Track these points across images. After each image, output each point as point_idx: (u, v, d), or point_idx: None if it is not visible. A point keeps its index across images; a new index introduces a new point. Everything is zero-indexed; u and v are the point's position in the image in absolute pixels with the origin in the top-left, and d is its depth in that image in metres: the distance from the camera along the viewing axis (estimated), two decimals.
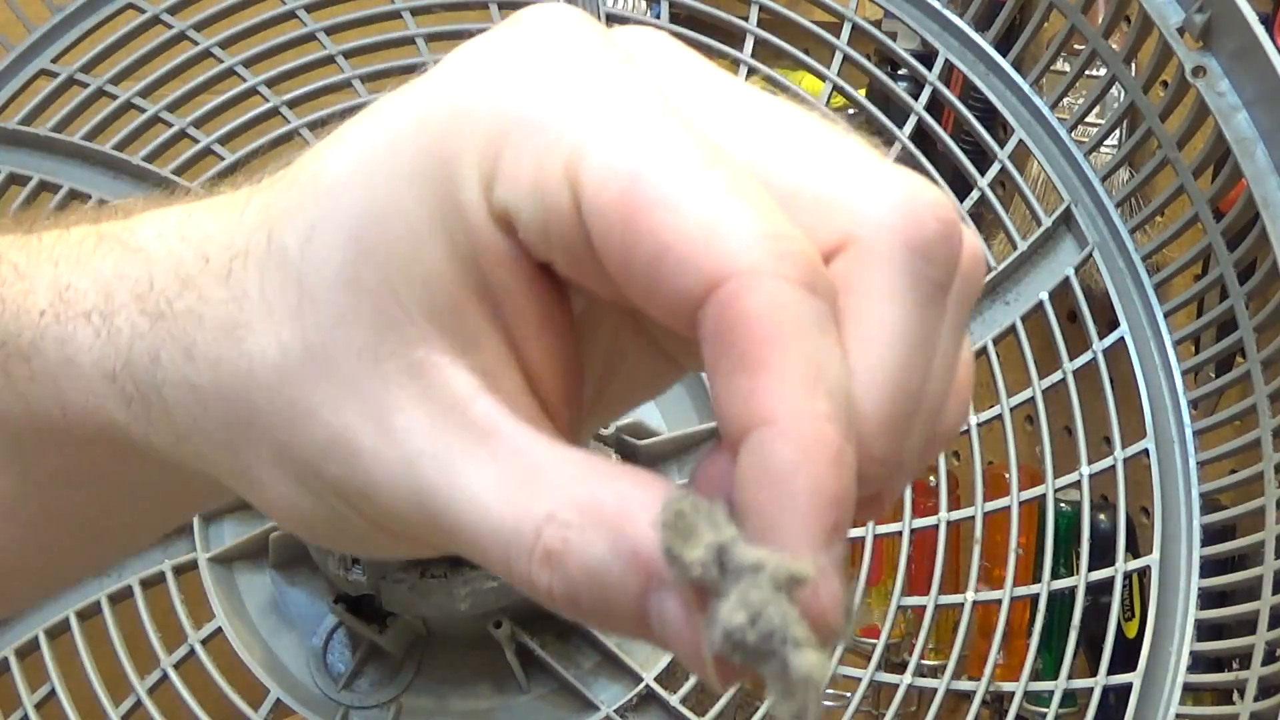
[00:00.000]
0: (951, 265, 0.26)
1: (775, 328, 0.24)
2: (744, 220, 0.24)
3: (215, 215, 0.29)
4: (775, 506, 0.24)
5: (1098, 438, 0.69)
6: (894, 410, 0.25)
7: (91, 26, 0.78)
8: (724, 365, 0.24)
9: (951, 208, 0.26)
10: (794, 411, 0.24)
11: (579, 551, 0.25)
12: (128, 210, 0.31)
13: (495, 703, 0.67)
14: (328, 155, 0.27)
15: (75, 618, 0.69)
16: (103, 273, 0.29)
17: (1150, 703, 0.64)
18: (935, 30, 0.76)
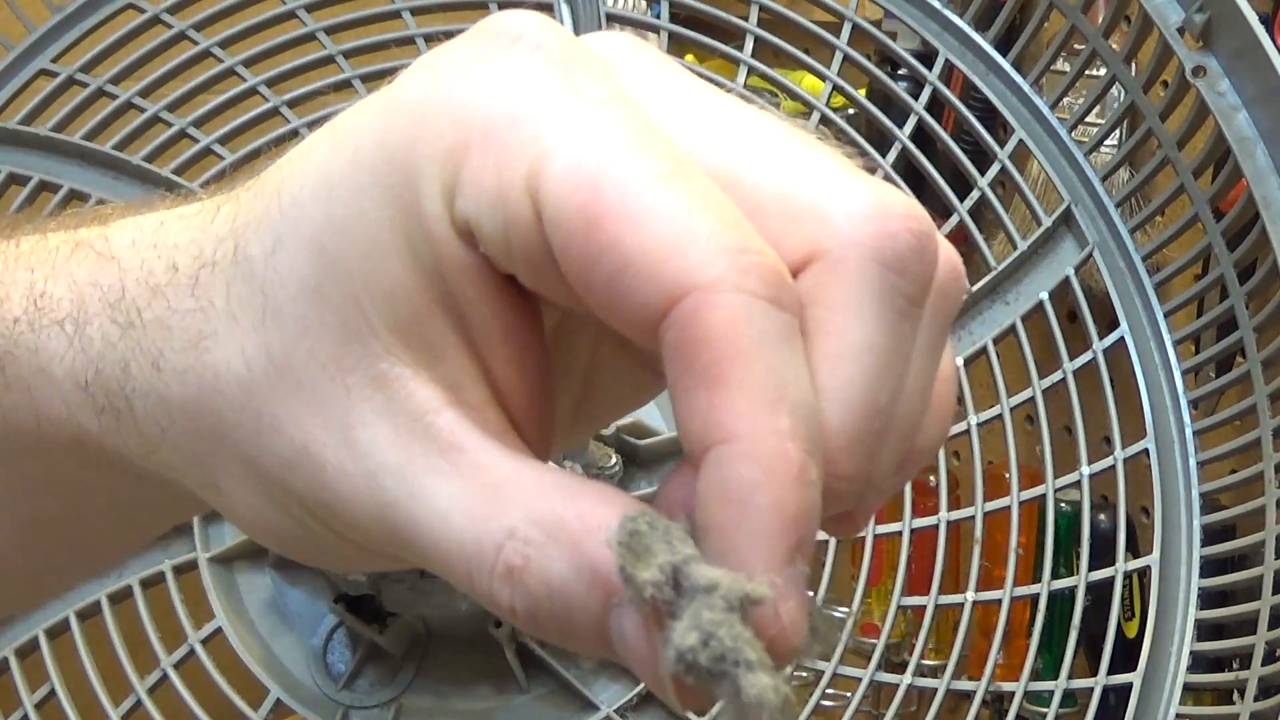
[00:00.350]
0: (925, 279, 0.25)
1: (737, 343, 0.23)
2: (707, 233, 0.23)
3: (186, 224, 0.28)
4: (734, 525, 0.23)
5: (1098, 438, 0.69)
6: (862, 428, 0.25)
7: (91, 26, 0.78)
8: (685, 381, 0.24)
9: (925, 220, 0.25)
10: (755, 429, 0.23)
11: (539, 569, 0.24)
12: (105, 216, 0.30)
13: (495, 703, 0.67)
14: (293, 166, 0.27)
15: (75, 618, 0.69)
16: (77, 280, 0.29)
17: (1150, 703, 0.64)
18: (935, 30, 0.76)
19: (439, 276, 0.25)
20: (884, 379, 0.25)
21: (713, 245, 0.23)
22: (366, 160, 0.25)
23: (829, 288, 0.25)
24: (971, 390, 0.70)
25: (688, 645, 0.23)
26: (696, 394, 0.23)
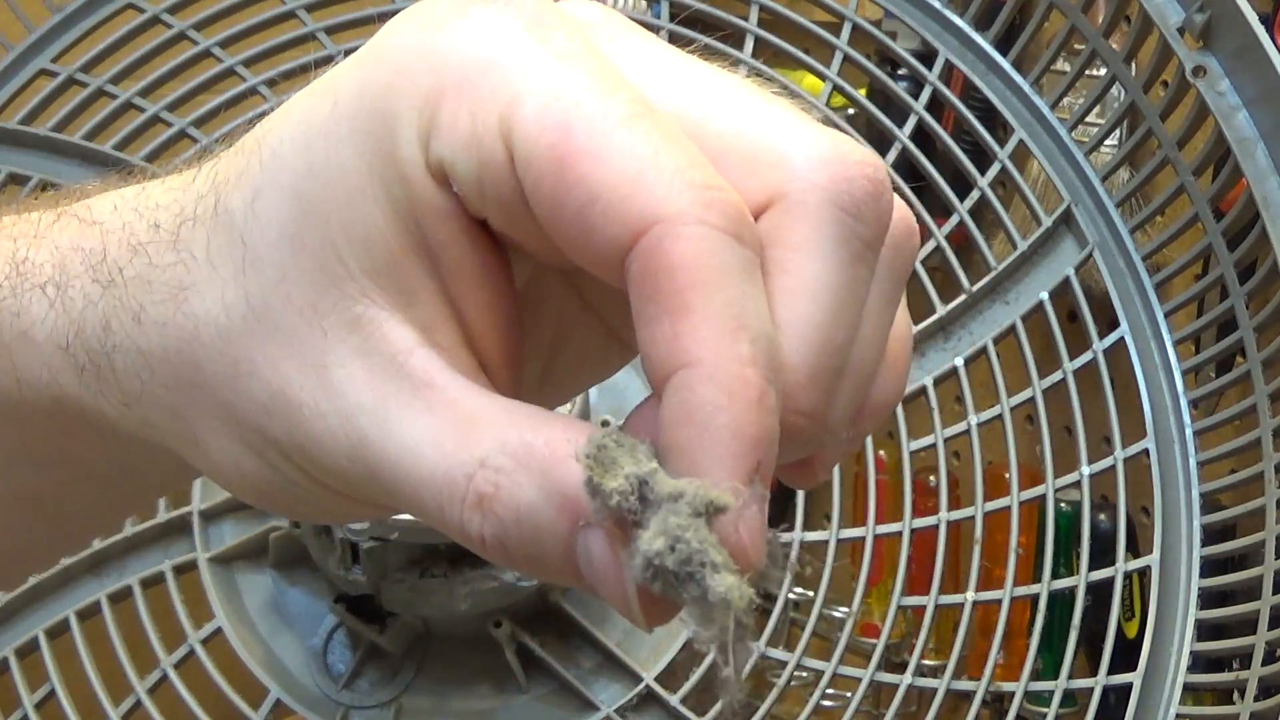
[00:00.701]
0: (881, 225, 0.26)
1: (700, 273, 0.24)
2: (671, 169, 0.24)
3: (168, 187, 0.29)
4: (697, 444, 0.24)
5: (1098, 438, 0.69)
6: (819, 363, 0.25)
7: (91, 26, 0.78)
8: (649, 310, 0.24)
9: (882, 169, 0.26)
10: (717, 354, 0.24)
11: (509, 495, 0.25)
12: (88, 191, 0.31)
13: (495, 703, 0.67)
14: (273, 122, 0.28)
15: (75, 618, 0.69)
16: (59, 246, 0.30)
17: (1150, 703, 0.64)
18: (935, 30, 0.76)
19: (414, 220, 0.26)
20: (840, 317, 0.26)
21: (677, 181, 0.24)
22: (345, 109, 0.26)
23: (788, 229, 0.26)
24: (971, 390, 0.70)
25: (655, 550, 0.23)
26: (660, 322, 0.24)
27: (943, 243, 0.72)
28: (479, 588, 0.61)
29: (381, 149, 0.26)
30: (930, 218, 0.74)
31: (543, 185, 0.25)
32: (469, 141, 0.25)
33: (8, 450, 0.31)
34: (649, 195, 0.24)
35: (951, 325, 0.72)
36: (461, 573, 0.61)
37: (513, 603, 0.63)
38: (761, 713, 0.66)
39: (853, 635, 0.67)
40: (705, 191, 0.24)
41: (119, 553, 0.70)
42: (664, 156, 0.25)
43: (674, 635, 0.67)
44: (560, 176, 0.25)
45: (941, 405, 0.70)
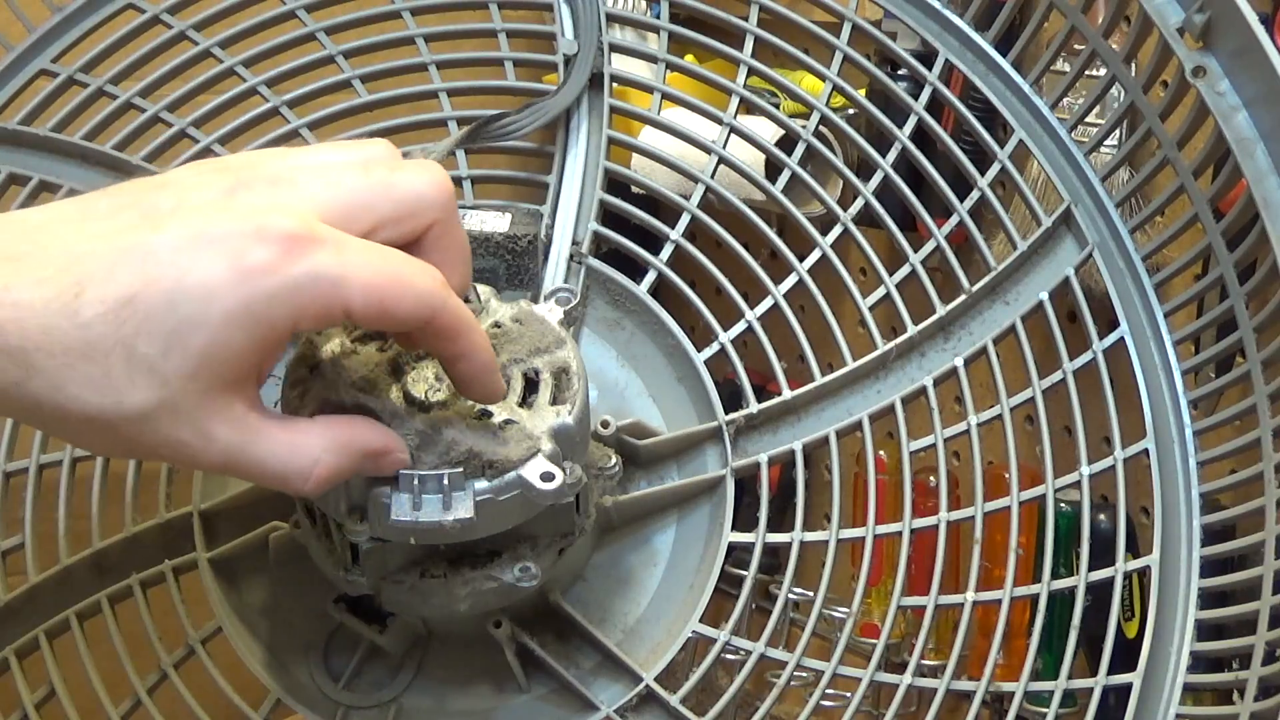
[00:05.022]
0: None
1: (456, 326, 0.52)
2: (425, 294, 0.50)
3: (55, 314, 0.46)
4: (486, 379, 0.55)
5: (1098, 438, 0.69)
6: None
7: (91, 26, 0.78)
8: (433, 341, 0.52)
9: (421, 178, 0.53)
10: (473, 347, 0.53)
11: (336, 468, 0.52)
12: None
13: (495, 703, 0.67)
14: (180, 299, 0.46)
15: (75, 618, 0.69)
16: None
17: (1150, 703, 0.64)
18: (935, 30, 0.76)
19: (266, 356, 0.49)
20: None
21: (430, 299, 0.50)
22: (236, 317, 0.47)
23: (443, 237, 0.53)
24: (971, 390, 0.70)
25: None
26: (438, 346, 0.52)
27: (942, 243, 0.72)
28: (479, 588, 0.61)
29: (267, 336, 0.48)
30: (930, 218, 0.74)
31: (368, 323, 0.50)
32: (324, 322, 0.49)
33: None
34: (421, 313, 0.50)
35: (951, 325, 0.72)
36: (461, 573, 0.61)
37: (513, 603, 0.63)
38: (761, 713, 0.66)
39: (853, 635, 0.67)
40: (439, 295, 0.50)
41: (119, 553, 0.70)
42: (420, 290, 0.50)
43: (674, 635, 0.67)
44: (380, 321, 0.50)
45: (941, 405, 0.70)
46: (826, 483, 0.84)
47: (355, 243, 0.49)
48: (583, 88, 0.75)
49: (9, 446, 0.73)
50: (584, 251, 0.73)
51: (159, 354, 0.46)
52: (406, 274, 0.50)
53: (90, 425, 0.47)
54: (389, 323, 0.50)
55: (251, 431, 0.49)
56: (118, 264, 0.46)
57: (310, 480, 0.51)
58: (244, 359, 0.48)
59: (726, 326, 0.72)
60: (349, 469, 0.52)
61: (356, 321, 0.49)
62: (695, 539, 0.70)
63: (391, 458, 0.54)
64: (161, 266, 0.46)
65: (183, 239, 0.47)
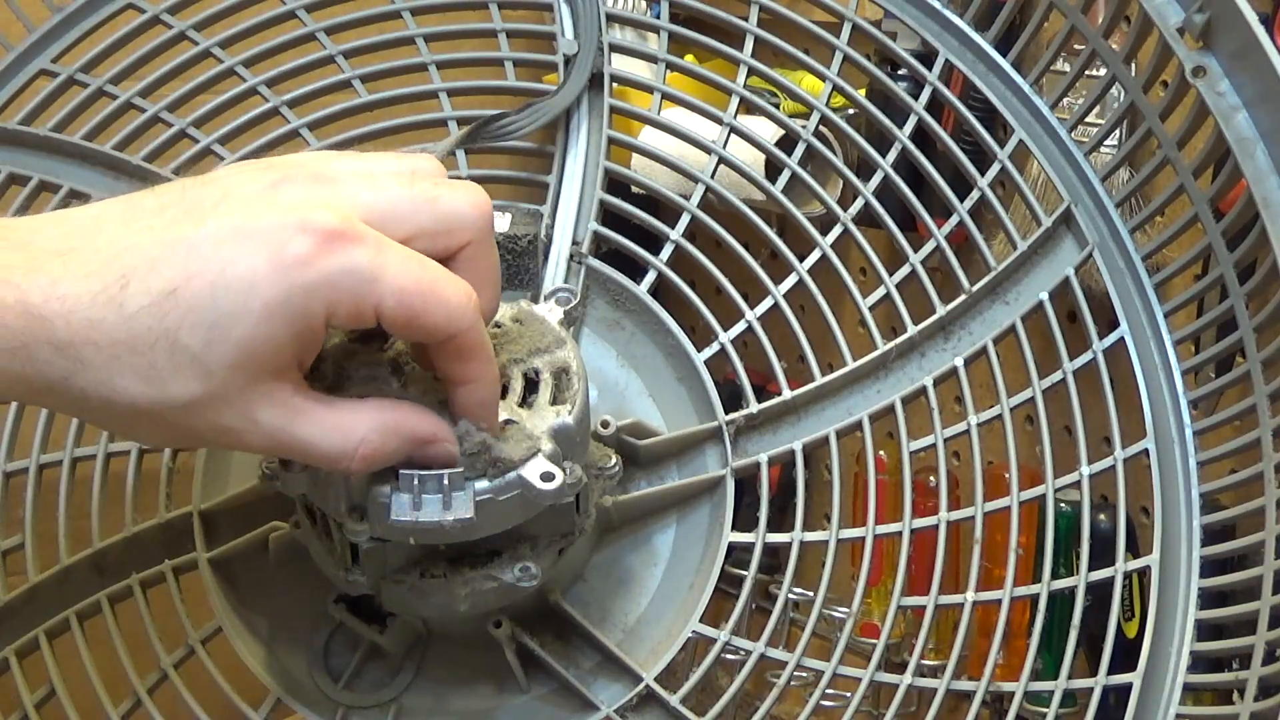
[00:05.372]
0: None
1: (477, 347, 0.52)
2: (457, 308, 0.51)
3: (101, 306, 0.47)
4: (483, 411, 0.55)
5: (1098, 438, 0.69)
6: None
7: (91, 26, 0.78)
8: (451, 359, 0.53)
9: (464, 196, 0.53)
10: (486, 373, 0.54)
11: (382, 449, 0.53)
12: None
13: (495, 703, 0.67)
14: (220, 292, 0.47)
15: (75, 618, 0.69)
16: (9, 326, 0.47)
17: (1150, 703, 0.64)
18: (935, 30, 0.76)
19: (305, 350, 0.50)
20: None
21: (461, 312, 0.51)
22: (277, 309, 0.48)
23: (477, 258, 0.53)
24: (971, 390, 0.70)
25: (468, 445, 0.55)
26: (463, 364, 0.53)
27: (942, 243, 0.72)
28: (479, 588, 0.61)
29: (301, 327, 0.49)
30: (930, 218, 0.74)
31: (397, 328, 0.51)
32: (355, 320, 0.49)
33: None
34: (452, 327, 0.51)
35: (951, 325, 0.72)
36: (461, 573, 0.61)
37: (512, 603, 0.63)
38: (762, 713, 0.66)
39: (853, 635, 0.67)
40: (472, 309, 0.51)
41: (119, 552, 0.70)
42: (453, 304, 0.51)
43: (674, 635, 0.67)
44: (409, 329, 0.51)
45: (941, 405, 0.70)
46: (826, 483, 0.84)
47: (394, 246, 0.50)
48: (583, 88, 0.75)
49: (9, 446, 0.73)
50: (584, 251, 0.73)
51: (201, 345, 0.48)
52: (441, 285, 0.50)
53: (137, 416, 0.49)
54: (415, 331, 0.50)
55: (297, 413, 0.50)
56: (161, 258, 0.48)
57: (356, 459, 0.51)
58: (283, 351, 0.49)
59: (726, 326, 0.72)
60: (395, 452, 0.53)
61: (385, 324, 0.50)
62: (695, 539, 0.70)
63: (439, 446, 0.54)
64: (204, 259, 0.47)
65: (225, 232, 0.48)
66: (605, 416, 0.68)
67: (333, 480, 0.56)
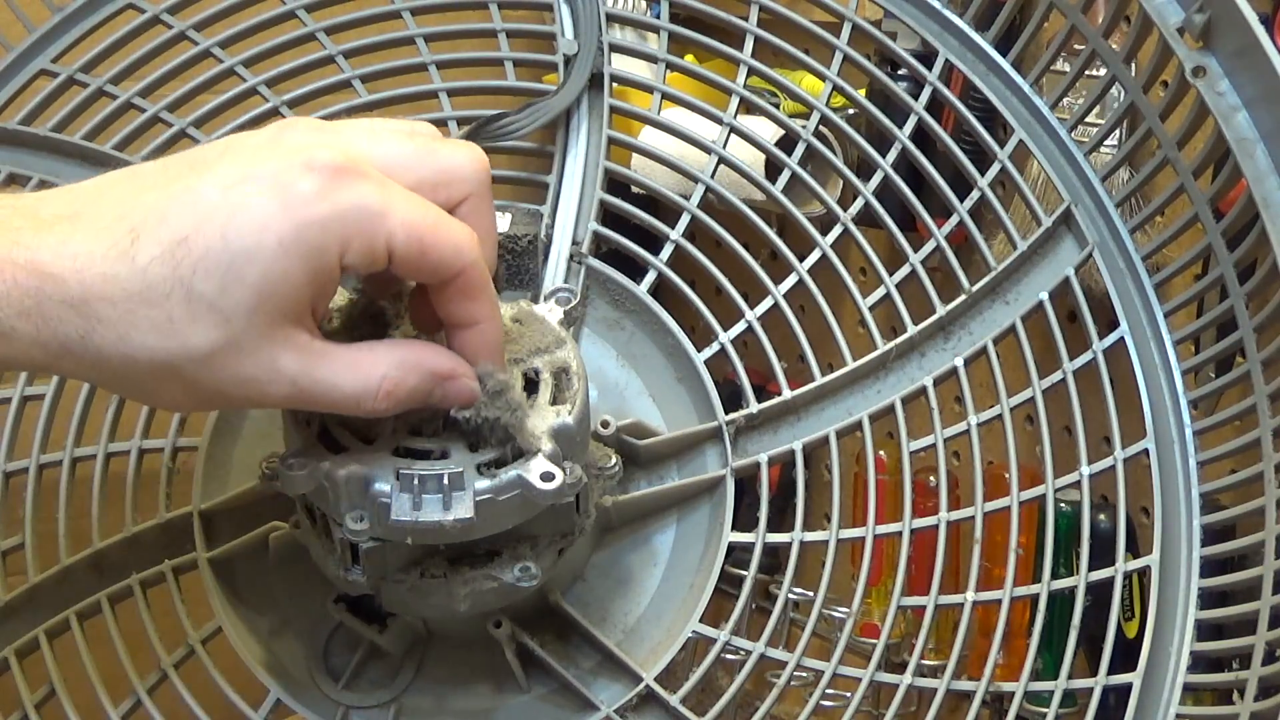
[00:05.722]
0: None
1: (483, 283, 0.53)
2: (463, 244, 0.52)
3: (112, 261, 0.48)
4: (490, 352, 0.55)
5: (1098, 438, 0.69)
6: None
7: (91, 26, 0.78)
8: (458, 298, 0.53)
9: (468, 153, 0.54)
10: (491, 315, 0.54)
11: (403, 385, 0.52)
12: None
13: (495, 703, 0.67)
14: (231, 234, 0.47)
15: (75, 618, 0.69)
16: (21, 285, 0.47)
17: (1150, 703, 0.64)
18: (935, 30, 0.76)
19: (322, 291, 0.50)
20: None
21: (465, 249, 0.52)
22: (291, 245, 0.48)
23: (476, 213, 0.53)
24: (971, 390, 0.70)
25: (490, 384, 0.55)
26: (469, 303, 0.53)
27: (942, 243, 0.72)
28: (479, 588, 0.61)
29: (316, 264, 0.49)
30: (930, 218, 0.74)
31: (407, 266, 0.51)
32: (367, 257, 0.50)
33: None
34: (460, 261, 0.52)
35: (951, 325, 0.72)
36: (461, 573, 0.61)
37: (513, 603, 0.63)
38: (762, 713, 0.66)
39: (853, 635, 0.67)
40: (475, 249, 0.52)
41: (119, 552, 0.70)
42: (459, 239, 0.51)
43: (674, 635, 0.67)
44: (420, 264, 0.51)
45: (941, 405, 0.70)
46: (826, 483, 0.84)
47: (398, 186, 0.50)
48: (583, 88, 0.75)
49: (9, 446, 0.73)
50: (584, 251, 0.73)
51: (217, 291, 0.47)
52: (445, 222, 0.51)
53: (157, 373, 0.48)
54: (426, 266, 0.51)
55: (317, 356, 0.50)
56: (169, 209, 0.48)
57: (379, 397, 0.51)
58: (299, 291, 0.49)
59: (726, 326, 0.72)
60: (418, 389, 0.53)
61: (395, 262, 0.50)
62: (695, 539, 0.70)
63: (459, 383, 0.54)
64: (212, 205, 0.47)
65: (231, 178, 0.48)
66: (605, 416, 0.68)
67: (333, 481, 0.56)
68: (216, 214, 0.47)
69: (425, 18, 0.79)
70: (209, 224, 0.47)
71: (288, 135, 0.50)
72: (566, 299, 0.69)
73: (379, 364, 0.52)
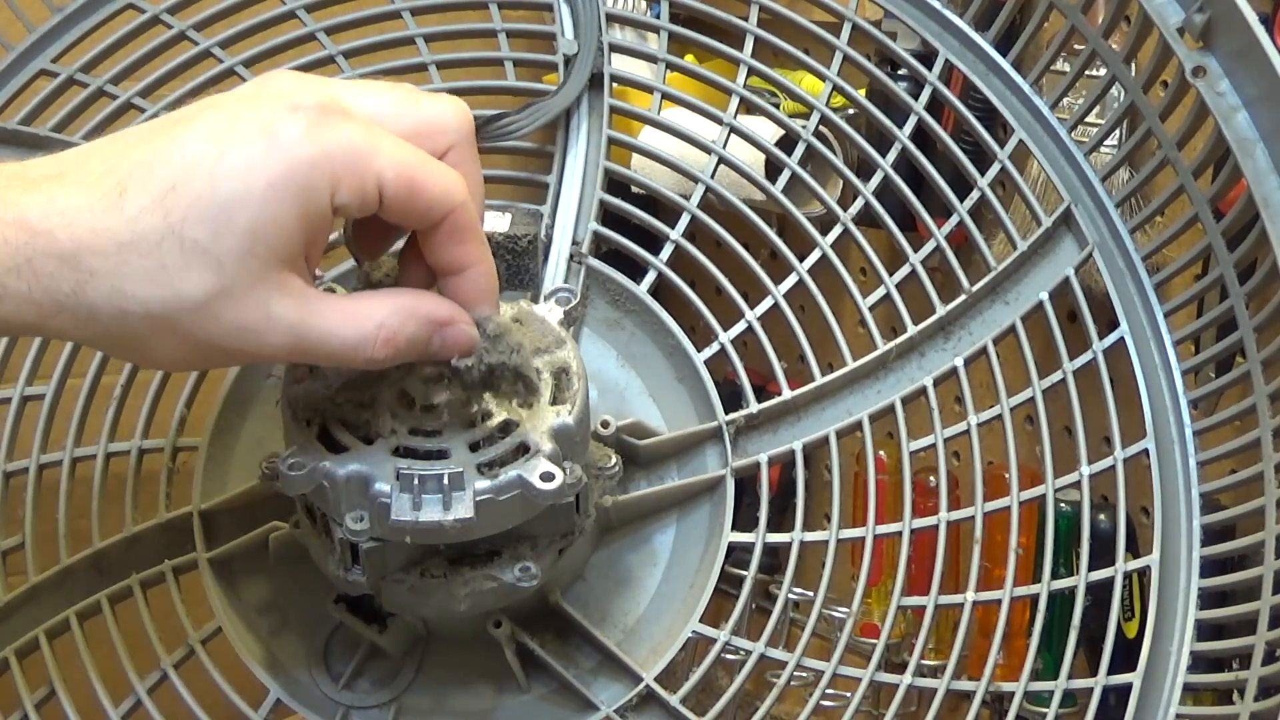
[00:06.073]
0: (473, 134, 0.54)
1: (473, 225, 0.53)
2: (451, 184, 0.51)
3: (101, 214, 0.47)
4: (484, 296, 0.55)
5: (1098, 438, 0.69)
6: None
7: (91, 26, 0.78)
8: (449, 241, 0.53)
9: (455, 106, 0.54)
10: (483, 258, 0.54)
11: (402, 333, 0.52)
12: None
13: (495, 703, 0.67)
14: (220, 179, 0.47)
15: (75, 618, 0.69)
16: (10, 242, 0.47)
17: (1150, 703, 0.64)
18: (935, 30, 0.76)
19: (313, 235, 0.49)
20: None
21: (454, 190, 0.52)
22: (280, 186, 0.48)
23: (461, 163, 0.53)
24: (971, 390, 0.70)
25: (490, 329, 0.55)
26: (460, 246, 0.53)
27: (942, 243, 0.72)
28: (479, 588, 0.61)
29: (306, 204, 0.48)
30: (930, 218, 0.74)
31: (397, 205, 0.51)
32: (358, 197, 0.50)
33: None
34: (450, 201, 0.51)
35: (951, 325, 0.72)
36: (461, 573, 0.61)
37: (513, 603, 0.63)
38: (762, 713, 0.66)
39: (853, 635, 0.67)
40: (464, 190, 0.52)
41: (119, 552, 0.70)
42: (447, 180, 0.51)
43: (674, 635, 0.67)
44: (410, 203, 0.51)
45: (941, 405, 0.70)
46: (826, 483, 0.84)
47: (383, 129, 0.50)
48: (583, 88, 0.75)
49: (9, 446, 0.73)
50: (584, 251, 0.73)
51: (209, 237, 0.47)
52: (433, 163, 0.51)
53: (153, 325, 0.48)
54: (416, 208, 0.51)
55: (313, 303, 0.50)
56: (156, 160, 0.48)
57: (378, 344, 0.51)
58: (291, 233, 0.48)
59: (726, 326, 0.72)
60: (417, 336, 0.52)
61: (386, 203, 0.50)
62: (695, 539, 0.70)
63: (458, 329, 0.53)
64: (199, 153, 0.47)
65: (217, 126, 0.48)
66: (605, 416, 0.68)
67: (333, 481, 0.56)
68: (204, 161, 0.47)
69: (425, 18, 0.79)
70: (197, 171, 0.47)
71: (271, 84, 0.50)
72: (566, 299, 0.69)
73: (376, 311, 0.51)
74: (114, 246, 0.47)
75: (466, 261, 0.53)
